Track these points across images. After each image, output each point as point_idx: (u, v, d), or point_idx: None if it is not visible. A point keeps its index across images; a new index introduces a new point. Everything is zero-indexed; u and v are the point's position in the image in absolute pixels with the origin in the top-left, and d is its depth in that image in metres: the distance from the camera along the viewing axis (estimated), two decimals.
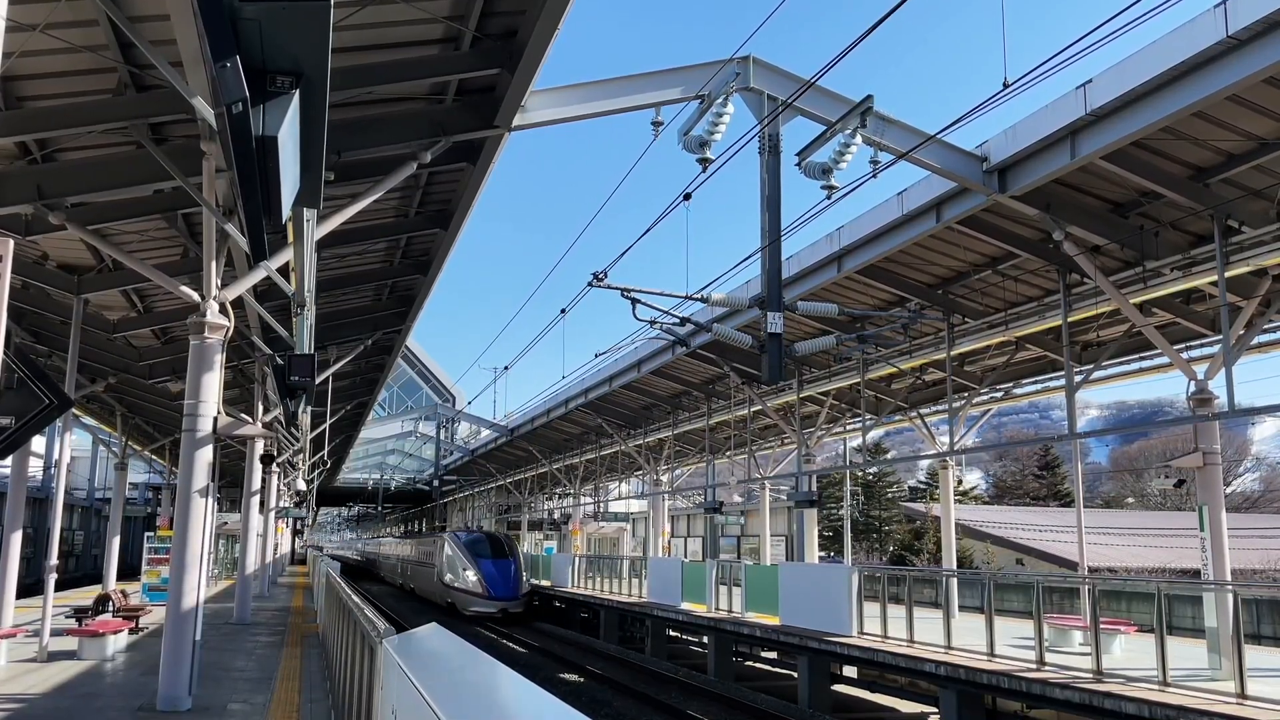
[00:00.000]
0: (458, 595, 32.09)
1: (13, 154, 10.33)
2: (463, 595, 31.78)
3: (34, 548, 34.80)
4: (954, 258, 15.83)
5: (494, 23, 9.57)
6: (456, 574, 32.34)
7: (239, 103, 3.37)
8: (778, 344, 12.43)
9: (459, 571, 32.21)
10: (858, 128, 11.30)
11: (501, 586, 31.14)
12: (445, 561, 33.58)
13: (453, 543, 33.59)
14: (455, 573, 32.44)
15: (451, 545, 33.48)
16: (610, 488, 41.83)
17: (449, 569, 33.06)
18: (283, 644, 15.50)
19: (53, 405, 6.88)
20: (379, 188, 10.93)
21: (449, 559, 33.20)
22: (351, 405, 30.83)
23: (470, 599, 31.40)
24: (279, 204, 4.01)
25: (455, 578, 32.38)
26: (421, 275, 17.65)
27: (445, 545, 34.19)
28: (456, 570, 32.41)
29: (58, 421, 15.77)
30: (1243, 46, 9.13)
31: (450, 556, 33.13)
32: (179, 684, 9.45)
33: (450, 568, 33.03)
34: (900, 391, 22.30)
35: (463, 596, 31.78)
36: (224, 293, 10.36)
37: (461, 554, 32.39)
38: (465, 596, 31.63)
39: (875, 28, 8.12)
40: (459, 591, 32.04)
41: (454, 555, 32.84)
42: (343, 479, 60.25)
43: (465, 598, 31.60)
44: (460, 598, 31.88)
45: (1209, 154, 11.64)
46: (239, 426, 11.82)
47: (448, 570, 33.17)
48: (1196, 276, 13.13)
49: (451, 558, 32.98)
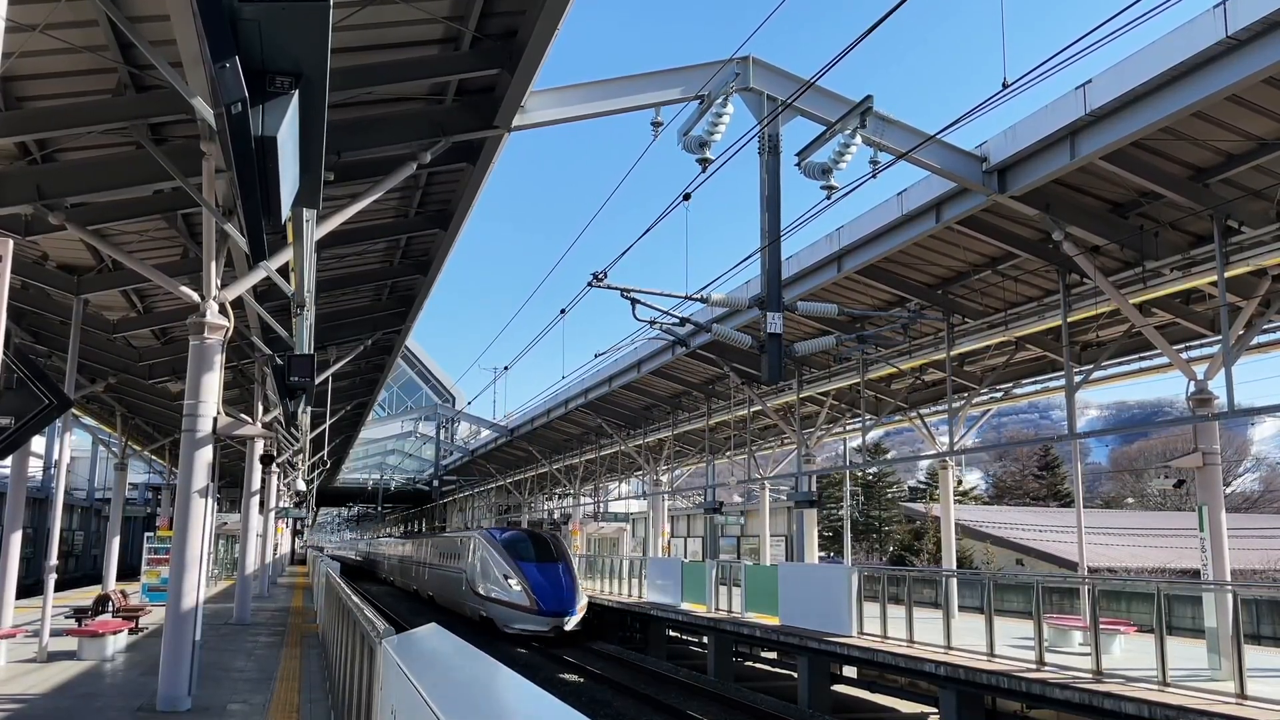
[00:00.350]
0: (496, 609, 25.67)
1: (13, 154, 10.33)
2: (503, 609, 25.38)
3: (34, 548, 34.79)
4: (954, 258, 15.83)
5: (494, 23, 9.57)
6: (494, 582, 26.01)
7: (238, 103, 3.37)
8: (777, 344, 12.43)
9: (498, 579, 25.84)
10: (857, 128, 11.31)
11: (553, 598, 24.63)
12: (479, 566, 27.35)
13: (487, 543, 27.40)
14: (492, 581, 26.13)
15: (487, 546, 27.26)
16: (610, 488, 41.83)
17: (483, 576, 26.83)
18: (282, 644, 15.50)
19: (52, 405, 6.88)
20: (379, 188, 10.93)
21: (484, 563, 27.02)
22: (351, 405, 30.82)
23: (513, 614, 25.04)
24: (278, 204, 4.01)
25: (492, 587, 26.02)
26: (421, 275, 17.66)
27: (478, 546, 28.01)
28: (493, 577, 26.11)
29: (57, 422, 15.78)
30: (1242, 47, 9.14)
31: (485, 560, 26.91)
32: (179, 684, 9.45)
33: (485, 574, 26.74)
34: (900, 392, 22.31)
35: (503, 611, 25.38)
36: (224, 293, 10.36)
37: (500, 557, 26.15)
38: (506, 611, 25.25)
39: (875, 28, 8.13)
40: (498, 604, 25.59)
41: (490, 559, 26.59)
42: (343, 479, 60.28)
43: (506, 612, 25.26)
44: (500, 612, 25.53)
45: (1209, 154, 11.64)
46: (239, 427, 11.81)
47: (482, 578, 26.87)
48: (1196, 277, 13.13)
49: (487, 562, 26.77)
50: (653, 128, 11.68)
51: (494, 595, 25.83)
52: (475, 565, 27.70)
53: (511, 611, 25.06)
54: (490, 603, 26.05)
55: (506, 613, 25.23)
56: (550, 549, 26.86)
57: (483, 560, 27.15)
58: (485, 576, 26.68)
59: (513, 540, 27.32)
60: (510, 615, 25.10)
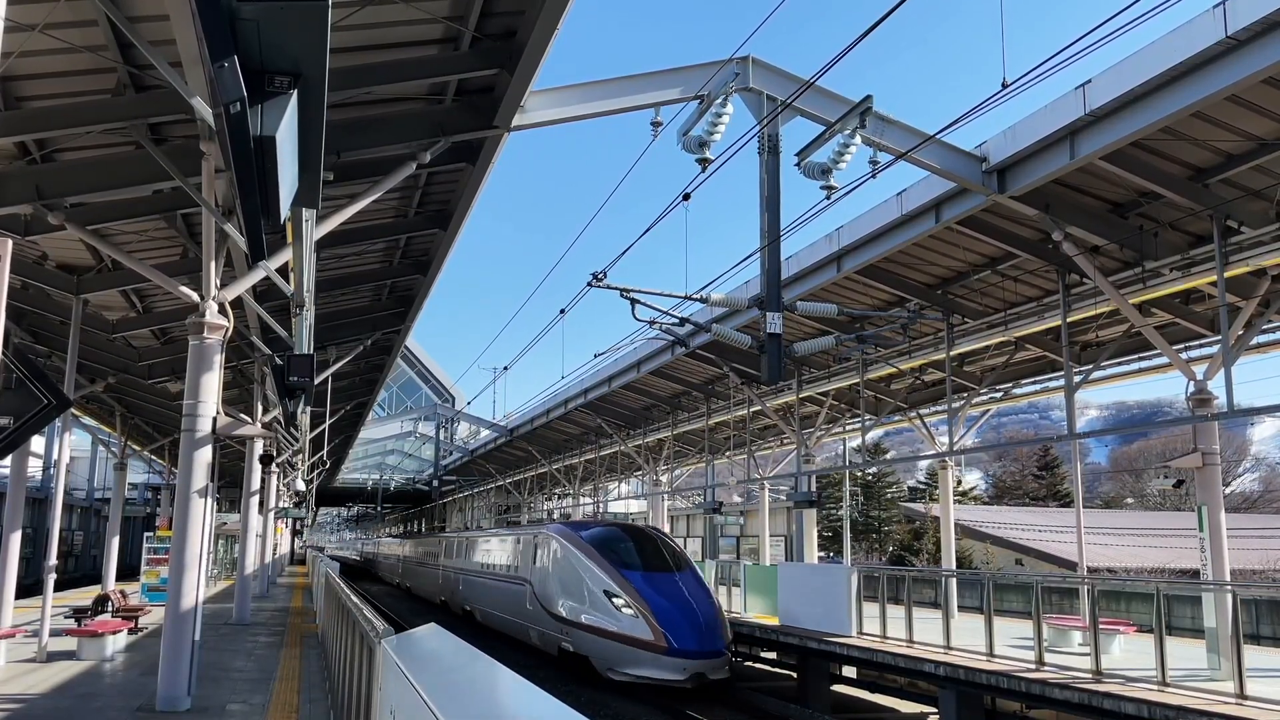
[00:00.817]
0: (594, 643, 17.17)
1: (12, 154, 10.33)
2: (607, 644, 16.83)
3: (33, 548, 34.78)
4: (953, 258, 15.83)
5: (493, 23, 9.57)
6: (586, 601, 17.63)
7: (237, 102, 3.37)
8: (777, 344, 12.44)
9: (593, 597, 17.42)
10: (857, 128, 11.30)
11: (689, 631, 16.12)
12: (556, 577, 19.09)
13: (568, 544, 18.95)
14: (582, 598, 17.77)
15: (568, 548, 18.86)
16: (610, 488, 41.83)
17: (565, 591, 18.57)
18: (282, 644, 15.50)
19: (51, 405, 6.87)
20: (378, 188, 10.93)
21: (564, 573, 18.74)
22: (351, 405, 30.81)
23: (624, 652, 16.48)
24: (277, 203, 4.01)
25: (585, 609, 17.60)
26: (421, 275, 17.66)
27: (552, 548, 19.66)
28: (584, 594, 17.72)
29: (57, 421, 15.79)
30: (1242, 47, 9.14)
31: (567, 568, 18.64)
32: (178, 684, 9.45)
33: (568, 589, 18.45)
34: (900, 392, 22.31)
35: (607, 647, 16.81)
36: (223, 293, 10.36)
37: (593, 564, 17.85)
38: (613, 648, 16.67)
39: (874, 28, 8.12)
40: (598, 636, 17.05)
41: (576, 566, 18.30)
42: (342, 479, 60.29)
43: (613, 649, 16.68)
44: (601, 648, 16.97)
45: (1208, 154, 11.64)
46: (238, 427, 11.81)
47: (563, 593, 18.60)
48: (1196, 277, 13.13)
49: (571, 570, 18.48)
50: (652, 128, 11.68)
51: (588, 622, 17.37)
52: (549, 575, 19.48)
53: (622, 649, 16.48)
54: (582, 632, 17.56)
55: (613, 650, 16.66)
56: (665, 553, 18.47)
57: (562, 568, 18.88)
58: (569, 592, 18.41)
59: (607, 540, 18.64)
60: (620, 655, 16.48)
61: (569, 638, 18.11)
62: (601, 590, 17.23)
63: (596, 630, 17.10)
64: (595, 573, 17.64)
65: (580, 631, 17.61)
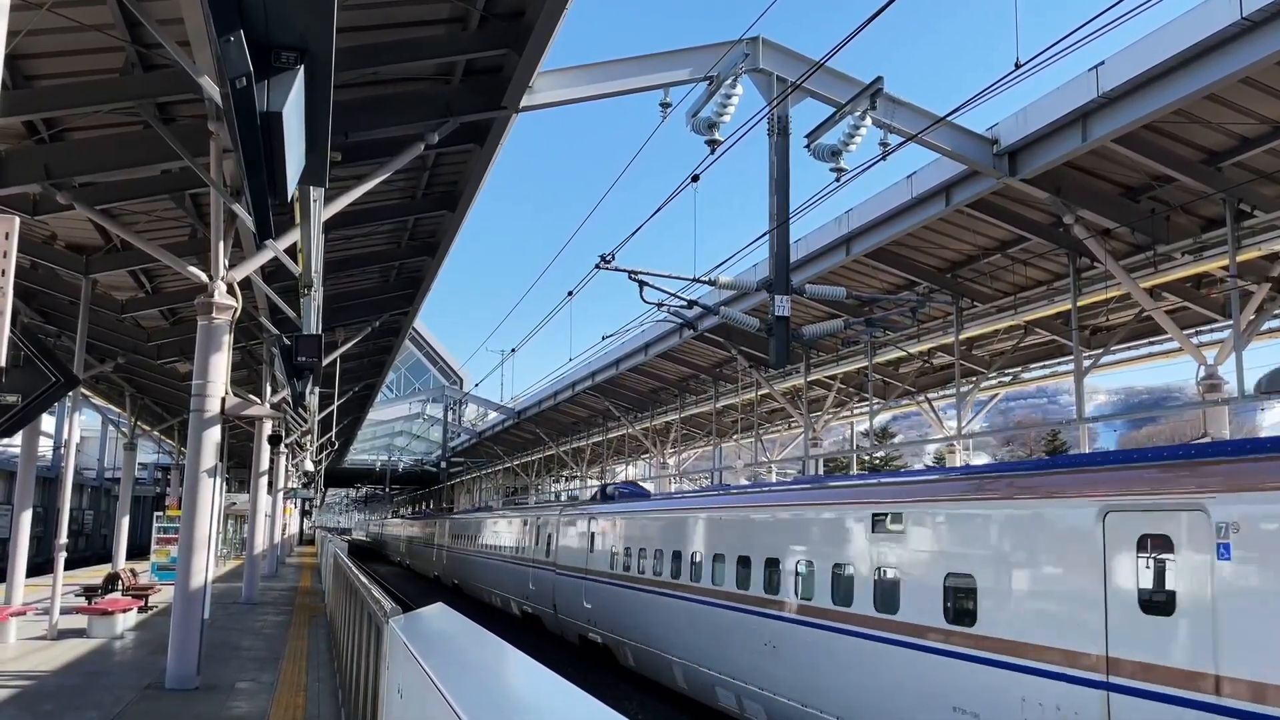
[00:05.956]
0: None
1: (20, 133, 10.32)
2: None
3: (44, 527, 35.02)
4: (963, 241, 15.75)
5: (502, 3, 9.52)
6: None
7: (243, 77, 3.34)
8: (785, 327, 12.40)
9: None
10: (867, 110, 11.24)
11: None
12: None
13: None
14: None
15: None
16: (617, 471, 41.89)
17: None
18: (290, 623, 15.58)
19: (59, 383, 6.90)
20: (386, 169, 10.91)
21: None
22: (359, 387, 30.90)
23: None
24: (284, 181, 3.98)
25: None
26: (429, 257, 17.64)
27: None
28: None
29: (67, 401, 15.85)
30: (1257, 28, 9.03)
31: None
32: (187, 663, 9.51)
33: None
34: (908, 375, 22.27)
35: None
36: (232, 273, 10.36)
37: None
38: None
39: (885, 8, 8.05)
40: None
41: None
42: (351, 460, 60.54)
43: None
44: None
45: (1222, 137, 11.53)
46: (246, 407, 11.83)
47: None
48: (1207, 261, 13.06)
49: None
50: (661, 109, 11.62)
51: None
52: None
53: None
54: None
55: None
56: None
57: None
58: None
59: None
60: None
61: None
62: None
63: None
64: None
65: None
